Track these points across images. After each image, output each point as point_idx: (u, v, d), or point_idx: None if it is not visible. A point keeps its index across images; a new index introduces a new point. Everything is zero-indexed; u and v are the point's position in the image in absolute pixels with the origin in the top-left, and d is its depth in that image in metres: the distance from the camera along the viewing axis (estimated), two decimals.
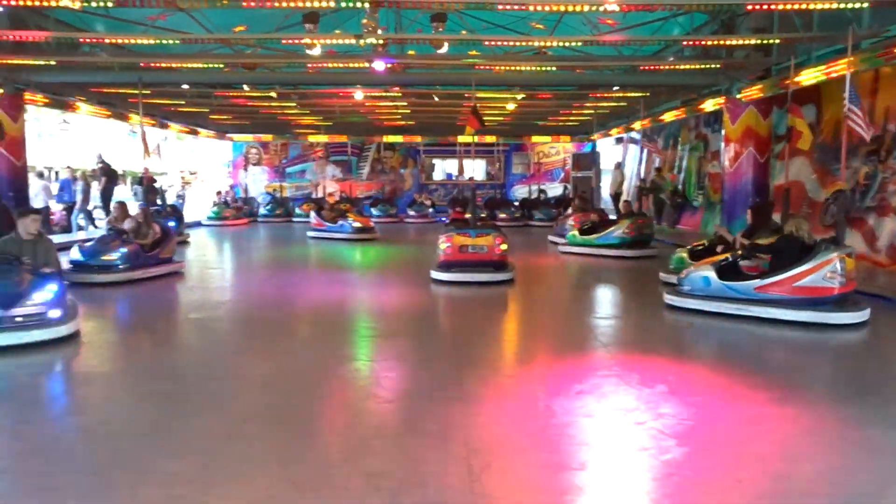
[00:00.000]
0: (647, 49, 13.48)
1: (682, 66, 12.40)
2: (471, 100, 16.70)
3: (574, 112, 19.96)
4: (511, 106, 17.62)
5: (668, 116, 16.65)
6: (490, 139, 23.87)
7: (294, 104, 18.05)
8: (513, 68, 12.41)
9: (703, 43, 11.42)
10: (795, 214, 8.49)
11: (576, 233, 13.36)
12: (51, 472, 3.33)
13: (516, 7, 7.94)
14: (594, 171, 24.51)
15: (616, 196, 20.04)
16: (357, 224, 16.16)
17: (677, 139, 18.91)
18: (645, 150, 21.49)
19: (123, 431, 3.91)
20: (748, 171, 11.97)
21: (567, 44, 11.16)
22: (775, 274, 6.76)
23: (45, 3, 8.68)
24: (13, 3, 8.78)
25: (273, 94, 16.30)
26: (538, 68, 12.36)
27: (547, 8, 8.46)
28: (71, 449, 3.65)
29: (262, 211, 22.83)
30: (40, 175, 17.68)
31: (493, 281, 9.36)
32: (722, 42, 11.16)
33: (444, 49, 10.98)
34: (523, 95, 16.60)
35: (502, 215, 20.56)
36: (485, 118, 19.47)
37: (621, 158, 23.23)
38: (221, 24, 11.07)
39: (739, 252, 7.40)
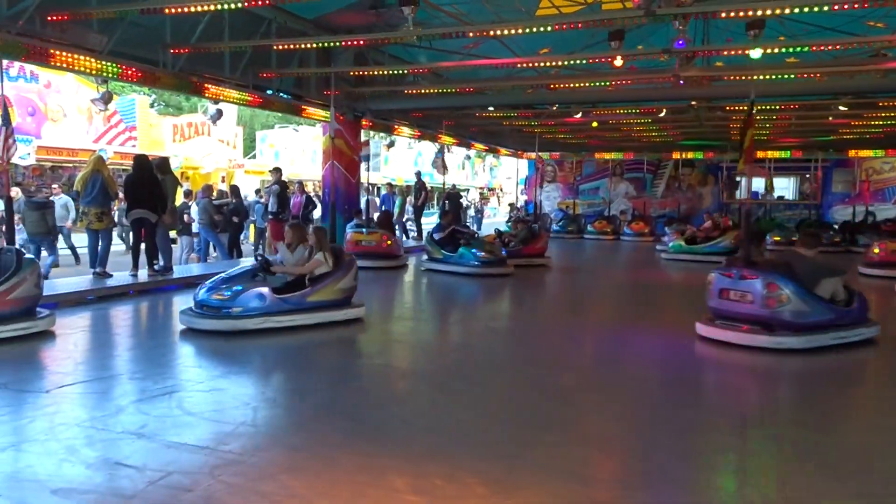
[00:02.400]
0: None
1: None
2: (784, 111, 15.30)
3: None
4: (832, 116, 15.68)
5: None
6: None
7: (594, 121, 18.20)
8: (840, 74, 11.07)
9: None
10: None
11: (682, 242, 15.19)
12: (376, 454, 3.76)
13: (854, 6, 6.99)
14: None
15: None
16: None
17: None
18: None
19: (436, 427, 4.29)
20: None
21: None
22: None
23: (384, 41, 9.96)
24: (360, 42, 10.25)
25: (578, 115, 16.66)
26: (874, 71, 10.85)
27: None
28: (394, 437, 4.10)
29: (553, 227, 23.32)
30: (367, 190, 20.28)
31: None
32: None
33: (758, 55, 10.18)
34: (846, 108, 14.69)
35: None
36: (799, 131, 17.56)
37: None
38: (528, 47, 11.65)
39: None
